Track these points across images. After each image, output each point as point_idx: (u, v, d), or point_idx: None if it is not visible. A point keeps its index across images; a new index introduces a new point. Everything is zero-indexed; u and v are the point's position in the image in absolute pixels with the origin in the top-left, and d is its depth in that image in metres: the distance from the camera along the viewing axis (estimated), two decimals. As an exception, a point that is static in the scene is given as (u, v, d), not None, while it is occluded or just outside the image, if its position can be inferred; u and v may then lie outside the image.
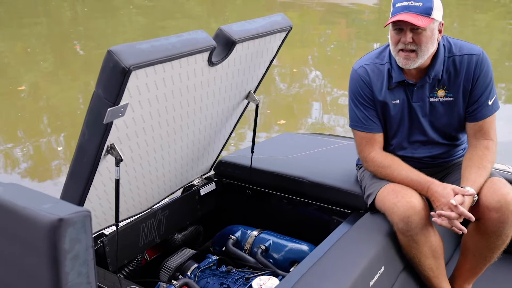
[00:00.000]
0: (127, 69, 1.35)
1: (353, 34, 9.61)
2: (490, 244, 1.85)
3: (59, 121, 5.27)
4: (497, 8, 12.26)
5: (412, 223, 1.78)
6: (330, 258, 1.69)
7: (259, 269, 2.01)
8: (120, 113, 1.47)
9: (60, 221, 0.89)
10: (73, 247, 0.92)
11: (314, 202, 2.22)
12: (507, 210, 1.75)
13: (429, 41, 1.82)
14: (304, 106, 5.80)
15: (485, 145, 1.91)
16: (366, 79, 1.98)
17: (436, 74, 1.92)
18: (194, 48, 1.56)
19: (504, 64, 7.25)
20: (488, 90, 1.93)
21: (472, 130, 1.95)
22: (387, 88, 1.97)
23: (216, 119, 2.07)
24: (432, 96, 1.95)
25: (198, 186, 2.35)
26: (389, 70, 1.96)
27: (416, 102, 1.96)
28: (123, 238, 1.93)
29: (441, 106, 1.96)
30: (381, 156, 1.99)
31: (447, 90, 1.94)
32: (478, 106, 1.93)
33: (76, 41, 8.82)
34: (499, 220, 1.77)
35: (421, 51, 1.83)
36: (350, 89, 2.04)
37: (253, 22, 1.84)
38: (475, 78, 1.91)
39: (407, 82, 1.94)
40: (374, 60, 2.01)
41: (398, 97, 1.97)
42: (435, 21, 1.82)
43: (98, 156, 1.54)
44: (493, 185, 1.80)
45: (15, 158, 4.42)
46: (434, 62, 1.91)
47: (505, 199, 1.75)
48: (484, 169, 1.84)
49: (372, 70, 1.99)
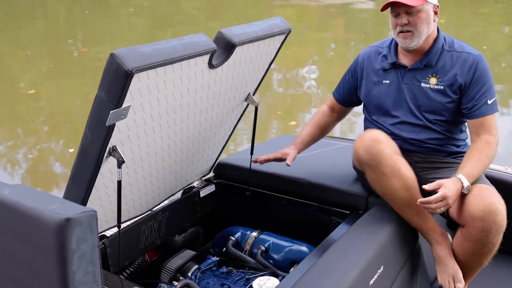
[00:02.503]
0: (129, 72, 1.37)
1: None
2: (476, 251, 1.87)
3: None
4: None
5: (374, 151, 1.88)
6: (330, 258, 1.71)
7: (259, 269, 2.03)
8: (122, 116, 1.49)
9: (67, 220, 0.91)
10: (80, 246, 0.94)
11: (313, 203, 2.24)
12: (490, 220, 1.77)
13: (424, 22, 1.98)
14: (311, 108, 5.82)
15: (486, 139, 1.95)
16: (363, 59, 2.20)
17: (429, 61, 2.03)
18: (194, 51, 1.59)
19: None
20: (487, 89, 1.98)
21: (474, 127, 2.00)
22: (381, 69, 2.13)
23: (215, 121, 2.09)
24: (424, 82, 2.05)
25: (198, 188, 2.37)
26: (386, 54, 2.13)
27: (406, 83, 2.08)
28: (124, 240, 1.94)
29: (431, 92, 2.04)
30: (320, 110, 2.36)
31: (439, 79, 2.02)
32: (476, 104, 1.97)
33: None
34: (483, 229, 1.79)
35: (417, 31, 1.97)
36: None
37: (252, 25, 1.87)
38: (470, 77, 1.98)
39: (399, 64, 2.08)
40: (378, 44, 2.21)
41: (389, 78, 2.12)
42: (428, 2, 1.96)
43: (100, 158, 1.56)
44: (481, 193, 1.81)
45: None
46: (431, 50, 2.04)
47: (489, 208, 1.77)
48: (481, 162, 1.89)
49: (372, 51, 2.19)
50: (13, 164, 4.44)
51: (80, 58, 7.96)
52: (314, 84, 6.69)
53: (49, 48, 8.38)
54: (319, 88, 6.52)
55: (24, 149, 4.66)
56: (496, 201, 1.79)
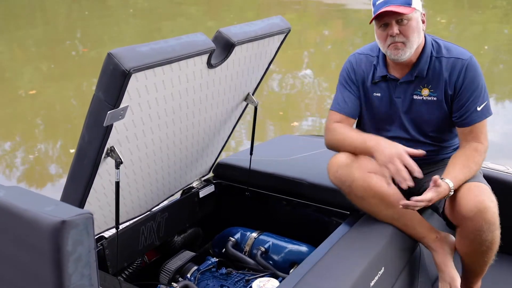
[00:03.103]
0: (127, 71, 1.36)
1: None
2: (475, 250, 1.85)
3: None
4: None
5: (342, 177, 1.87)
6: (330, 259, 1.70)
7: (259, 270, 2.01)
8: (120, 116, 1.48)
9: (63, 223, 0.90)
10: (75, 249, 0.93)
11: (313, 204, 2.22)
12: (480, 218, 1.74)
13: (415, 31, 1.88)
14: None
15: (474, 147, 1.91)
16: (353, 66, 2.06)
17: (420, 71, 1.95)
18: (193, 50, 1.57)
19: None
20: (476, 96, 1.91)
21: (463, 134, 1.96)
22: (371, 81, 2.03)
23: (215, 121, 2.07)
24: (416, 94, 1.98)
25: (197, 188, 2.35)
26: (376, 65, 2.02)
27: (398, 97, 1.99)
28: (123, 241, 1.93)
29: (424, 105, 1.97)
30: (341, 125, 2.02)
31: (431, 90, 1.96)
32: (465, 112, 1.92)
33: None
34: (475, 228, 1.77)
35: (409, 42, 1.87)
36: (340, 73, 2.10)
37: (252, 24, 1.85)
38: (459, 84, 1.91)
39: (389, 77, 1.99)
40: (368, 51, 2.07)
41: (380, 91, 2.02)
42: (416, 10, 1.88)
43: (98, 159, 1.55)
44: (470, 192, 1.79)
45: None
46: (420, 59, 1.95)
47: (478, 207, 1.74)
48: (468, 168, 1.85)
49: (362, 59, 2.06)
50: (11, 166, 4.44)
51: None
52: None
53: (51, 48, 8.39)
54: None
55: (23, 150, 4.66)
56: (486, 199, 1.76)
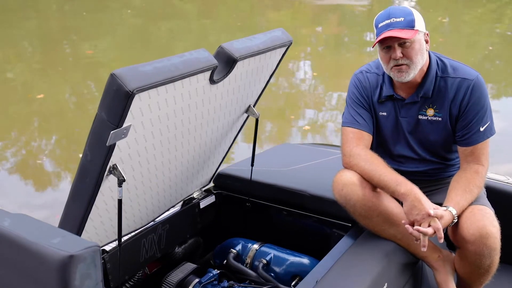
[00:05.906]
0: (130, 92, 1.35)
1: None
2: (474, 271, 1.86)
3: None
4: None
5: (347, 196, 1.86)
6: (335, 274, 1.70)
7: (261, 283, 2.01)
8: (122, 135, 1.47)
9: (70, 257, 0.89)
10: (83, 282, 0.92)
11: (315, 215, 2.22)
12: (481, 243, 1.75)
13: (418, 53, 1.87)
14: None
15: (475, 169, 1.91)
16: (362, 84, 2.04)
17: (426, 92, 1.94)
18: (196, 68, 1.56)
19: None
20: (480, 117, 1.91)
21: (463, 154, 1.95)
22: (377, 100, 2.01)
23: (216, 133, 2.07)
24: (421, 114, 1.98)
25: (198, 199, 2.34)
26: (381, 84, 2.01)
27: (404, 117, 1.99)
28: (124, 254, 1.92)
29: (429, 125, 1.97)
30: (367, 152, 1.94)
31: (436, 110, 1.96)
32: (468, 132, 1.92)
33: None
34: (475, 253, 1.78)
35: (413, 64, 1.86)
36: (348, 93, 2.09)
37: (253, 38, 1.84)
38: (464, 104, 1.91)
39: (395, 97, 1.98)
40: (373, 69, 2.07)
41: (386, 110, 2.01)
42: (419, 32, 1.86)
43: (100, 177, 1.54)
44: (472, 216, 1.79)
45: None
46: (425, 79, 1.94)
47: (480, 232, 1.75)
48: (470, 193, 1.84)
49: (369, 78, 2.05)
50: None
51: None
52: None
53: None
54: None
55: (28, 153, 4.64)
56: (488, 224, 1.76)
